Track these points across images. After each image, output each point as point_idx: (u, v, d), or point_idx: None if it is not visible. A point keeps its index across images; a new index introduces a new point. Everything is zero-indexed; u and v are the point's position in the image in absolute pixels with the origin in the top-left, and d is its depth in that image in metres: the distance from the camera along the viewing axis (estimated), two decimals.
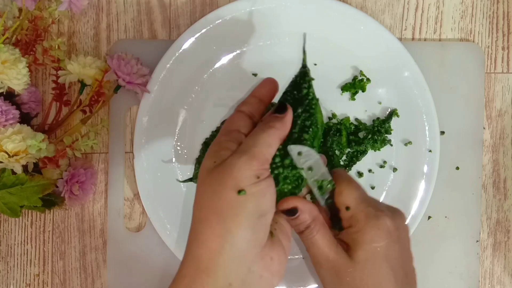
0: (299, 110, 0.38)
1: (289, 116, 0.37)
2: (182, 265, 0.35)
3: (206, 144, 0.51)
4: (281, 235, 0.37)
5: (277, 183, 0.36)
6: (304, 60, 0.41)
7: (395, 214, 0.38)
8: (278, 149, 0.36)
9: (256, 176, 0.34)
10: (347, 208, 0.37)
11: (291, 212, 0.37)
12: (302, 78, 0.40)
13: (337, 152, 0.52)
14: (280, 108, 0.38)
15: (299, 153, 0.37)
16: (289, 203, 0.37)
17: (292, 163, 0.37)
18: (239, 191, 0.33)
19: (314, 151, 0.37)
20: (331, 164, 0.52)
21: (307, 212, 0.37)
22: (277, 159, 0.36)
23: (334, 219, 0.39)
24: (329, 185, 0.38)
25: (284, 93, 0.41)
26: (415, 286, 0.38)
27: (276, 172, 0.36)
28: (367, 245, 0.36)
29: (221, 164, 0.35)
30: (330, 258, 0.37)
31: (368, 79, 0.52)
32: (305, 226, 0.37)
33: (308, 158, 0.37)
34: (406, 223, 0.39)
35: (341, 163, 0.52)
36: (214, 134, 0.52)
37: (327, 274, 0.37)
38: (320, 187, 0.38)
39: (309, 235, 0.37)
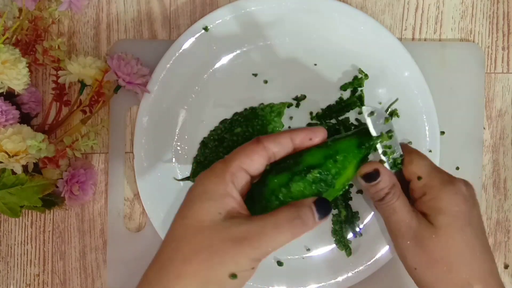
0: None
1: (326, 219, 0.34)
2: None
3: (204, 143, 0.51)
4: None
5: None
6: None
7: (466, 182, 0.38)
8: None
9: (252, 267, 0.33)
10: (419, 178, 0.37)
11: (373, 176, 0.37)
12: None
13: None
14: (323, 210, 0.34)
15: (372, 113, 0.38)
16: (372, 166, 0.37)
17: (301, 190, 0.36)
18: (232, 275, 0.32)
19: (387, 116, 0.39)
20: None
21: (388, 176, 0.37)
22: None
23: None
24: (398, 158, 0.39)
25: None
26: (490, 251, 0.38)
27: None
28: (448, 209, 0.36)
29: (228, 230, 0.32)
30: (412, 225, 0.36)
31: (366, 75, 0.52)
32: (386, 192, 0.37)
33: (382, 120, 0.39)
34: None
35: None
36: (213, 134, 0.51)
37: (410, 244, 0.37)
38: (391, 158, 0.39)
39: (390, 202, 0.37)
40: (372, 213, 0.53)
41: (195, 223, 0.33)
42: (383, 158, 0.39)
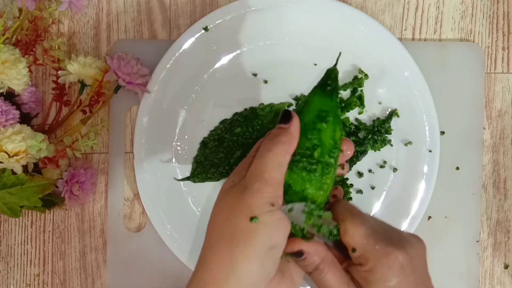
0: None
1: (294, 125, 0.36)
2: (189, 286, 0.34)
3: (204, 144, 0.51)
4: (293, 269, 0.36)
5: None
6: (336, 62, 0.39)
7: (409, 243, 0.36)
8: None
9: (270, 204, 0.33)
10: (353, 250, 0.35)
11: (298, 255, 0.35)
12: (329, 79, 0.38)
13: None
14: (285, 118, 0.36)
15: (290, 210, 0.35)
16: (294, 246, 0.35)
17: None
18: (252, 218, 0.32)
19: (300, 204, 0.36)
20: None
21: (314, 253, 0.35)
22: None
23: (345, 253, 0.36)
24: (333, 229, 0.36)
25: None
26: None
27: None
28: (379, 284, 0.34)
29: (236, 186, 0.34)
30: None
31: (366, 75, 0.52)
32: (314, 267, 0.36)
33: (297, 210, 0.35)
34: (422, 245, 0.37)
35: None
36: (213, 134, 0.52)
37: None
38: (326, 231, 0.36)
39: (318, 276, 0.36)
40: (372, 213, 0.53)
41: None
42: (316, 235, 0.36)
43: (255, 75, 0.52)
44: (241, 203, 0.33)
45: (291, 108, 0.45)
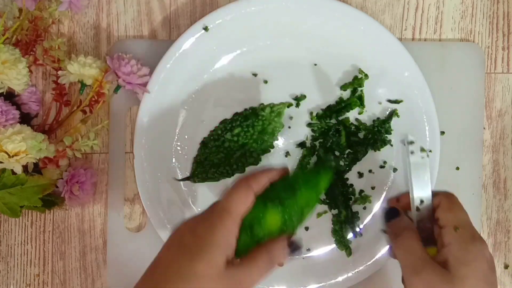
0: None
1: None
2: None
3: (204, 144, 0.51)
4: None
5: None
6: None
7: (489, 252, 0.40)
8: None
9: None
10: (456, 228, 0.39)
11: (393, 213, 0.41)
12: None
13: (336, 153, 0.52)
14: (295, 250, 0.38)
15: (411, 143, 0.42)
16: (390, 202, 0.43)
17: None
18: None
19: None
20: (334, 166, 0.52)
21: (406, 218, 0.41)
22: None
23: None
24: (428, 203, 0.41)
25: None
26: None
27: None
28: (473, 263, 0.37)
29: (228, 279, 0.35)
30: (429, 269, 0.37)
31: (366, 75, 0.52)
32: (404, 228, 0.40)
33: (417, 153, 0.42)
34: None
35: (341, 163, 0.52)
36: (213, 134, 0.51)
37: (421, 285, 0.38)
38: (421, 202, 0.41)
39: (407, 240, 0.39)
40: (372, 213, 0.53)
41: (204, 271, 0.35)
42: (411, 204, 0.42)
43: (255, 75, 0.52)
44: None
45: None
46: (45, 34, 0.51)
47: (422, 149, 0.42)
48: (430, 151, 0.52)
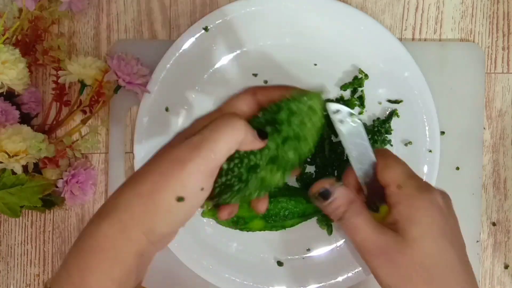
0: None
1: (262, 145, 0.34)
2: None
3: None
4: None
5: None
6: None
7: (443, 192, 0.36)
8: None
9: (200, 188, 0.32)
10: (399, 186, 0.35)
11: (325, 195, 0.35)
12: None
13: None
14: (262, 135, 0.34)
15: (336, 111, 0.35)
16: (321, 184, 0.35)
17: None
18: (179, 198, 0.31)
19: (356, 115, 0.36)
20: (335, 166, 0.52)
21: (342, 194, 0.35)
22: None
23: (370, 200, 0.36)
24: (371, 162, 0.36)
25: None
26: (470, 264, 0.36)
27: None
28: (422, 219, 0.34)
29: (182, 148, 0.32)
30: (379, 241, 0.34)
31: (366, 75, 0.52)
32: (343, 210, 0.35)
33: (346, 120, 0.35)
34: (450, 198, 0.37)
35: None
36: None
37: (380, 261, 0.34)
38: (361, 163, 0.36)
39: (350, 220, 0.35)
40: None
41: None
42: (354, 167, 0.37)
43: (255, 75, 0.52)
44: (173, 177, 0.32)
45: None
46: (45, 34, 0.51)
47: (351, 114, 0.37)
48: (430, 151, 0.52)
